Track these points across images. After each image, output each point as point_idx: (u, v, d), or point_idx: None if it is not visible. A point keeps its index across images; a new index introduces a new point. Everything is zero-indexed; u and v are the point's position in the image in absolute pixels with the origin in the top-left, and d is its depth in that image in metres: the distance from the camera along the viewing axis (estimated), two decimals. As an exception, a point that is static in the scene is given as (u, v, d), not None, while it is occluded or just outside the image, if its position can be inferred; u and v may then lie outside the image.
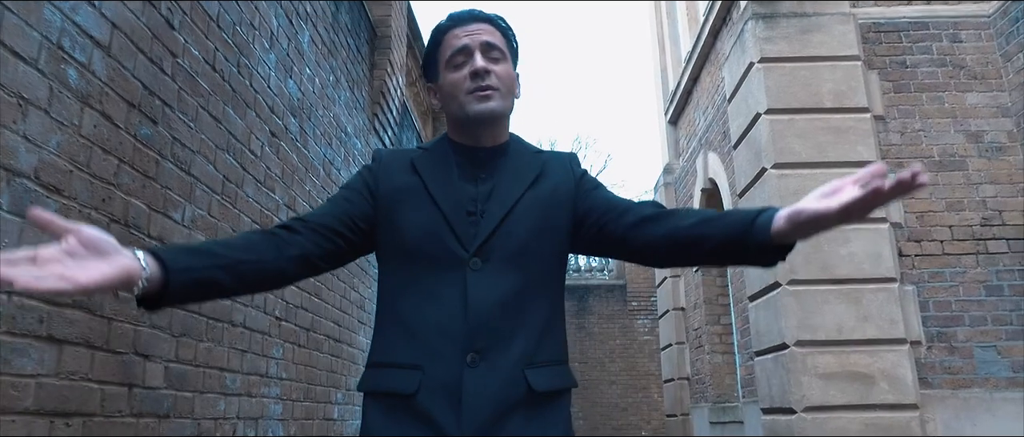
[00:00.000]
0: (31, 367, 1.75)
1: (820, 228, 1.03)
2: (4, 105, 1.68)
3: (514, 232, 1.21)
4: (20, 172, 1.73)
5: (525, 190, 1.25)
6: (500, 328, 1.16)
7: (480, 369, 1.13)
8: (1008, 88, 4.91)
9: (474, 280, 1.17)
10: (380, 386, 1.18)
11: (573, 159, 1.38)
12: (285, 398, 3.42)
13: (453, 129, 1.32)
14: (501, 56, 1.29)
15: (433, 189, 1.23)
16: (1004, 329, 4.51)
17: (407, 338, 1.18)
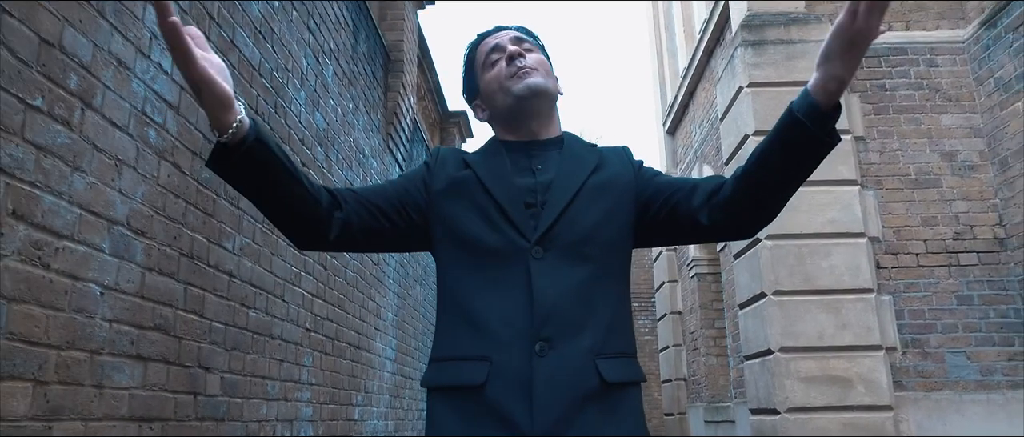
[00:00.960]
0: (125, 381, 2.12)
1: (848, 44, 1.01)
2: (105, 167, 2.05)
3: (577, 221, 1.19)
4: (117, 221, 2.10)
5: (586, 178, 1.24)
6: (568, 317, 1.12)
7: (550, 358, 1.10)
8: (980, 110, 5.26)
9: (538, 269, 1.14)
10: (447, 380, 1.15)
11: (627, 151, 1.37)
12: (314, 401, 3.80)
13: (504, 128, 1.32)
14: (533, 47, 1.32)
15: (486, 180, 1.22)
16: (973, 336, 4.87)
17: (472, 330, 1.14)
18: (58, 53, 1.85)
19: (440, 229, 1.23)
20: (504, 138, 1.31)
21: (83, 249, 1.93)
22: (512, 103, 1.26)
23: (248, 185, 1.09)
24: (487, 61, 1.30)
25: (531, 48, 1.31)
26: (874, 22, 1.00)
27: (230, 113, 1.00)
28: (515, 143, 1.29)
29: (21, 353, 1.69)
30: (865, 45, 1.02)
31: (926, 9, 5.63)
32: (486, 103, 1.32)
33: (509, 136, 1.31)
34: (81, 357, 1.91)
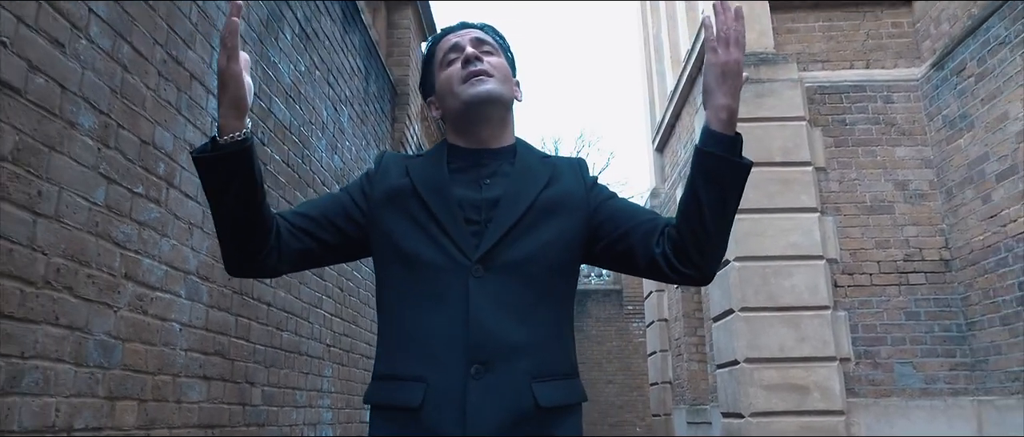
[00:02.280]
0: (196, 396, 2.70)
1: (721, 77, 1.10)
2: (182, 231, 2.63)
3: (522, 241, 1.16)
4: (190, 272, 2.68)
5: (536, 197, 1.20)
6: (505, 339, 1.11)
7: (485, 381, 1.08)
8: (930, 143, 5.82)
9: (476, 288, 1.12)
10: (385, 399, 1.14)
11: (582, 165, 1.32)
12: (333, 407, 4.38)
13: (453, 131, 1.28)
14: (494, 50, 1.27)
15: (424, 192, 1.19)
16: (919, 348, 5.44)
17: (409, 348, 1.13)
18: (152, 148, 2.43)
19: (379, 241, 1.20)
20: (454, 142, 1.27)
21: (168, 297, 2.51)
22: (461, 108, 1.22)
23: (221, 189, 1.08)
24: (444, 59, 1.26)
25: (491, 50, 1.27)
26: (734, 53, 1.10)
27: (241, 120, 1.06)
28: (464, 151, 1.25)
29: (130, 379, 2.27)
30: (735, 74, 1.10)
31: (885, 48, 6.18)
32: (439, 103, 1.28)
33: (459, 141, 1.26)
34: (167, 379, 2.49)
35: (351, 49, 5.02)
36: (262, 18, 3.40)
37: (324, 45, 4.38)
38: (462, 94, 1.21)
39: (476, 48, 1.25)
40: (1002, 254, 4.97)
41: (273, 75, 3.55)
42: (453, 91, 1.22)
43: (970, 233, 5.33)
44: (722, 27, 1.10)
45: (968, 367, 5.35)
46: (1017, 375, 4.88)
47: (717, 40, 1.11)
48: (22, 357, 1.80)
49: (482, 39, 1.28)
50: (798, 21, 6.31)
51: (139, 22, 2.36)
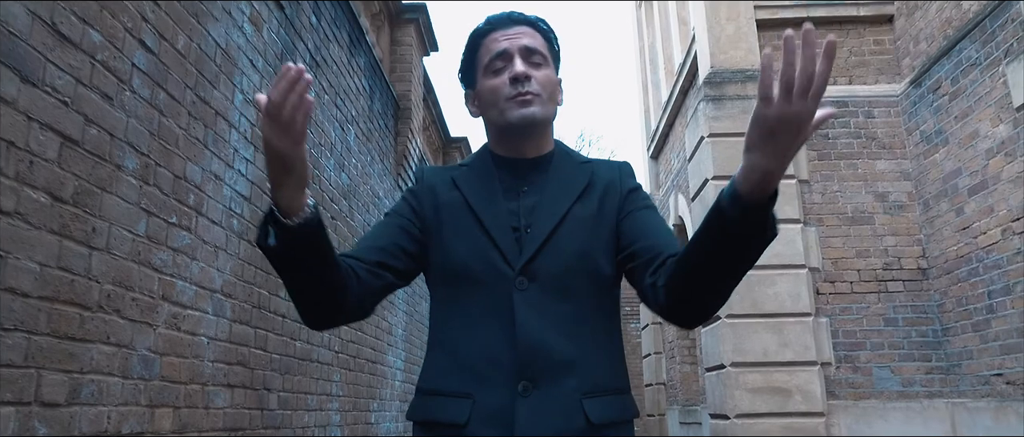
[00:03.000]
0: (221, 403, 2.99)
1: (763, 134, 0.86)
2: (209, 254, 2.91)
3: (562, 249, 1.14)
4: (216, 290, 2.96)
5: (572, 204, 1.18)
6: (553, 355, 1.09)
7: (533, 399, 1.07)
8: (909, 157, 6.10)
9: (521, 301, 1.11)
10: (430, 415, 1.13)
11: (624, 169, 1.29)
12: (341, 410, 4.67)
13: (494, 139, 1.27)
14: (542, 61, 1.23)
15: (475, 205, 1.18)
16: (897, 352, 5.72)
17: (456, 364, 1.12)
18: (184, 182, 2.72)
19: (432, 256, 1.20)
20: (494, 149, 1.27)
21: (198, 314, 2.80)
22: (505, 126, 1.21)
23: (294, 266, 1.01)
24: (490, 65, 1.22)
25: (540, 60, 1.22)
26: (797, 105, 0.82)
27: (303, 196, 0.96)
28: (503, 159, 1.25)
29: (168, 389, 2.56)
30: (787, 133, 0.84)
31: (867, 65, 6.46)
32: (480, 106, 1.26)
33: (499, 149, 1.26)
34: (197, 388, 2.78)
35: (357, 70, 5.30)
36: (277, 53, 3.69)
37: (332, 70, 4.66)
38: (509, 116, 1.19)
39: (525, 59, 1.20)
40: (973, 264, 5.25)
41: (287, 104, 3.83)
42: (498, 106, 1.20)
43: (945, 243, 5.61)
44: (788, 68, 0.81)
45: (943, 371, 5.63)
46: (987, 379, 5.16)
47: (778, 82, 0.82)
48: (81, 372, 2.09)
49: (531, 48, 1.22)
50: (784, 39, 6.57)
51: (173, 70, 2.65)
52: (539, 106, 1.19)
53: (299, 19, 4.03)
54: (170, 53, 2.63)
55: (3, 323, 1.78)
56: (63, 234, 2.02)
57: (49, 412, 1.95)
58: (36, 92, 1.93)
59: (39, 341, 1.92)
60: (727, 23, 6.49)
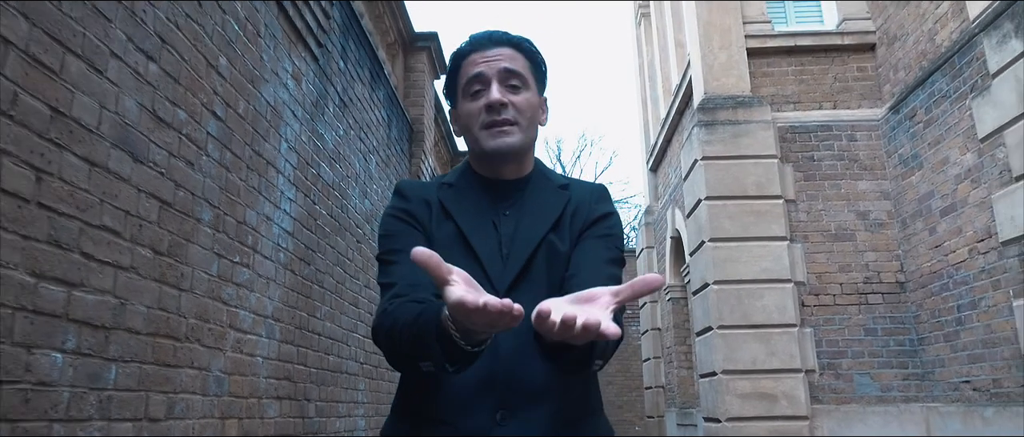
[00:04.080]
0: (272, 414, 3.46)
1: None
2: (262, 285, 3.38)
3: (538, 278, 1.15)
4: (268, 316, 3.43)
5: (546, 232, 1.18)
6: (529, 382, 1.10)
7: (510, 427, 1.08)
8: (889, 177, 6.54)
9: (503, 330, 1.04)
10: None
11: (601, 192, 1.28)
12: (366, 415, 5.14)
13: (474, 159, 1.27)
14: (521, 84, 1.20)
15: (470, 236, 1.17)
16: (876, 360, 6.17)
17: (435, 389, 1.11)
18: (244, 226, 3.19)
19: None
20: (475, 169, 1.26)
21: (255, 337, 3.27)
22: (480, 152, 1.21)
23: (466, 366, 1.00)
24: (468, 87, 1.21)
25: (519, 84, 1.20)
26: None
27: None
28: (484, 179, 1.25)
29: (234, 403, 3.03)
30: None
31: (851, 90, 6.90)
32: (460, 127, 1.25)
33: (480, 169, 1.25)
34: (255, 402, 3.25)
35: (377, 103, 5.77)
36: (313, 100, 4.16)
37: (357, 107, 5.13)
38: (483, 143, 1.18)
39: (502, 83, 1.18)
40: (945, 280, 5.70)
41: (321, 144, 4.30)
42: (474, 134, 1.20)
43: (920, 260, 6.06)
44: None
45: (918, 378, 6.09)
46: (957, 385, 5.61)
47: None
48: (174, 392, 2.56)
49: (511, 70, 1.19)
50: (773, 66, 7.03)
51: (235, 132, 3.12)
52: (515, 135, 1.18)
53: (330, 66, 4.50)
54: (233, 117, 3.10)
55: (123, 357, 2.25)
56: (162, 281, 2.49)
57: (154, 426, 2.42)
58: (142, 168, 2.40)
59: (146, 369, 2.39)
60: (720, 51, 6.94)
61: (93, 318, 2.11)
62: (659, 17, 10.26)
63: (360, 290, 5.13)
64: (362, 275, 5.19)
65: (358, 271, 5.10)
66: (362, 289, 5.15)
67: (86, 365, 2.07)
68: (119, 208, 2.25)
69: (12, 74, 1.81)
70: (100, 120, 2.17)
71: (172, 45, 2.60)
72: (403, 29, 7.00)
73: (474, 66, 1.20)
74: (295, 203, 3.85)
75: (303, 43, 3.97)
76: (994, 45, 4.96)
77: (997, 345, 5.08)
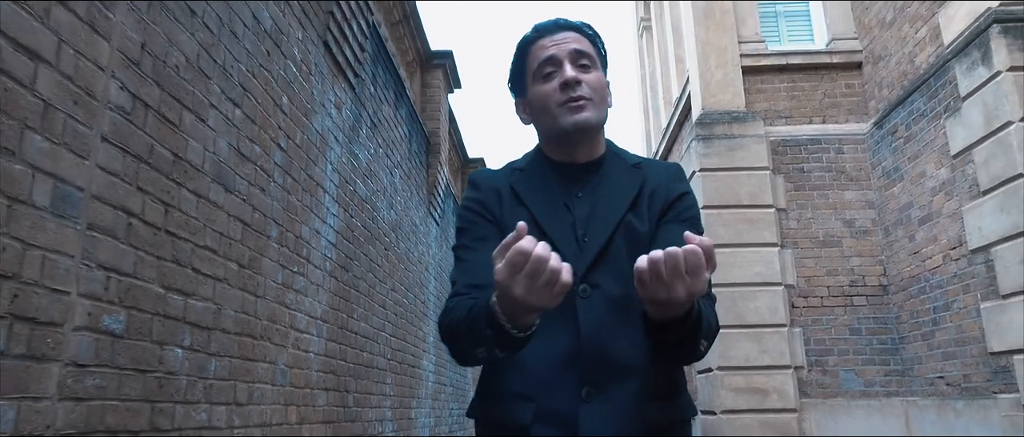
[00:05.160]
0: (321, 403, 3.97)
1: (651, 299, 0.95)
2: (313, 290, 3.88)
3: (617, 258, 1.16)
4: (317, 317, 3.94)
5: (625, 213, 1.20)
6: (615, 361, 1.12)
7: (596, 404, 1.10)
8: (873, 188, 7.04)
9: (584, 308, 1.13)
10: (493, 416, 1.18)
11: (676, 172, 1.31)
12: (392, 407, 5.65)
13: (547, 144, 1.29)
14: (591, 64, 1.24)
15: (540, 216, 1.19)
16: (860, 357, 6.67)
17: (519, 368, 1.13)
18: (301, 240, 3.70)
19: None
20: (547, 152, 1.29)
21: (308, 336, 3.78)
22: (559, 132, 1.23)
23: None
24: (540, 71, 1.25)
25: (589, 63, 1.24)
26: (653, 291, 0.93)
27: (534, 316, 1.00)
28: (556, 163, 1.27)
29: (294, 392, 3.54)
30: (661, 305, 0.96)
31: (839, 106, 7.39)
32: (531, 113, 1.29)
33: (552, 153, 1.28)
34: (308, 391, 3.76)
35: (400, 121, 6.28)
36: (350, 125, 4.66)
37: (384, 126, 5.64)
38: (562, 122, 1.21)
39: (574, 64, 1.23)
40: (922, 284, 6.20)
41: (356, 163, 4.81)
42: (550, 112, 1.22)
43: (901, 265, 6.56)
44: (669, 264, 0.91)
45: (899, 374, 6.58)
46: (932, 381, 6.11)
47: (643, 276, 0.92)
48: (253, 382, 3.07)
49: (580, 51, 1.24)
50: (766, 83, 7.52)
51: (294, 159, 3.63)
52: (592, 111, 1.21)
53: (363, 92, 5.01)
54: (292, 147, 3.61)
55: (219, 352, 2.76)
56: (244, 289, 3.01)
57: (240, 409, 2.93)
58: (231, 196, 2.91)
59: (235, 362, 2.90)
60: (717, 69, 7.44)
61: (201, 321, 2.62)
62: (660, 31, 10.75)
63: (387, 294, 5.64)
64: (389, 280, 5.70)
65: (386, 276, 5.61)
66: (389, 293, 5.66)
67: (196, 359, 2.58)
68: (216, 230, 2.76)
69: (149, 130, 2.32)
70: (204, 160, 2.68)
71: (251, 92, 3.11)
72: (421, 48, 7.51)
73: (544, 50, 1.25)
74: (337, 218, 4.35)
75: (343, 76, 4.47)
76: (964, 71, 5.46)
77: (967, 344, 5.58)
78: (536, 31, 1.29)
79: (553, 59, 1.23)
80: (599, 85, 1.24)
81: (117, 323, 2.11)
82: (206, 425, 2.64)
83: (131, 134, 2.21)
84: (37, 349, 1.78)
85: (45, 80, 1.83)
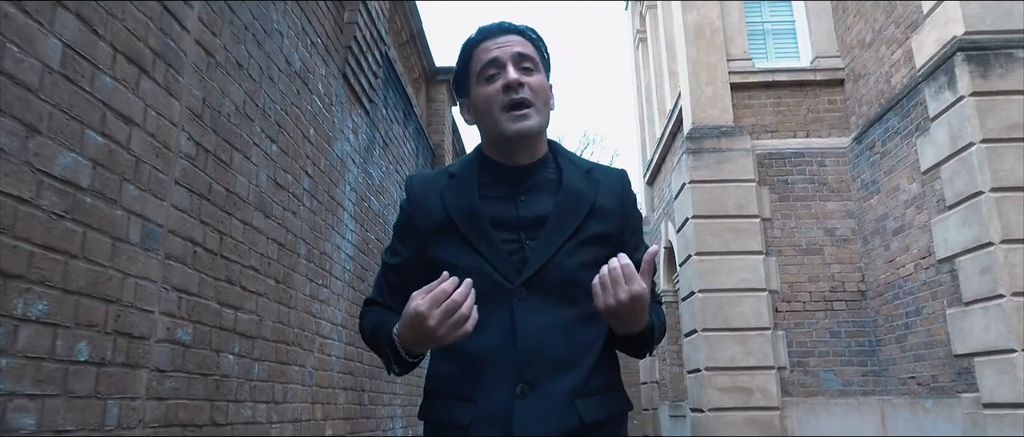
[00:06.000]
0: (342, 400, 4.39)
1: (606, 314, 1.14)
2: (335, 299, 4.31)
3: (566, 265, 1.20)
4: (338, 324, 4.37)
5: (580, 223, 1.23)
6: (550, 358, 1.15)
7: (530, 400, 1.13)
8: (853, 199, 7.47)
9: (522, 310, 1.17)
10: (436, 416, 1.23)
11: (624, 180, 1.35)
12: (401, 405, 6.08)
13: (488, 145, 1.31)
14: (533, 67, 1.27)
15: (462, 226, 1.23)
16: (839, 358, 7.10)
17: (459, 369, 1.19)
18: (325, 255, 4.12)
19: (430, 271, 1.23)
20: (488, 154, 1.32)
21: (331, 341, 4.21)
22: (499, 136, 1.26)
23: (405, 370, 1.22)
24: (483, 73, 1.26)
25: (532, 66, 1.27)
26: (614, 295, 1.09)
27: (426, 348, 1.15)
28: (498, 165, 1.29)
29: (320, 392, 3.97)
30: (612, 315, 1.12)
31: (822, 121, 7.82)
32: (474, 113, 1.31)
33: (494, 155, 1.31)
34: (330, 391, 4.19)
35: (408, 137, 6.71)
36: (365, 146, 5.09)
37: (395, 144, 6.06)
38: (504, 127, 1.23)
39: (517, 66, 1.25)
40: (896, 290, 6.63)
41: (370, 181, 5.24)
42: (493, 117, 1.24)
43: (877, 272, 6.99)
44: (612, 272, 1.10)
45: (875, 374, 7.02)
46: (905, 381, 6.54)
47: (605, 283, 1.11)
48: (287, 383, 3.50)
49: (523, 54, 1.27)
50: (754, 99, 7.95)
51: (318, 184, 4.06)
52: (534, 118, 1.24)
53: (376, 114, 5.43)
54: (317, 173, 4.04)
55: (261, 357, 3.20)
56: (280, 302, 3.44)
57: (277, 407, 3.36)
58: (269, 221, 3.34)
59: (273, 366, 3.33)
60: (706, 86, 7.86)
61: (247, 331, 3.05)
62: (655, 44, 11.17)
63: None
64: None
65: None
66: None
67: (243, 363, 3.01)
68: (258, 252, 3.19)
69: (209, 171, 2.75)
70: (248, 192, 3.11)
71: (284, 128, 3.54)
72: (426, 66, 7.93)
73: (487, 52, 1.27)
74: (354, 233, 4.78)
75: (359, 102, 4.90)
76: (933, 93, 5.89)
77: (935, 347, 6.01)
78: (480, 33, 1.31)
79: (496, 61, 1.26)
80: (541, 88, 1.27)
81: (186, 335, 2.55)
82: (251, 420, 3.07)
83: (195, 176, 2.64)
84: (132, 358, 2.21)
85: (137, 139, 2.26)
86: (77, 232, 1.96)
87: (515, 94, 1.23)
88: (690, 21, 8.00)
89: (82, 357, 1.97)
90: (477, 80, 1.28)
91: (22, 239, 1.75)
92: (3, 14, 1.70)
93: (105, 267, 2.08)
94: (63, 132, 1.90)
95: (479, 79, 1.27)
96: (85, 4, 2.00)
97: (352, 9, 4.59)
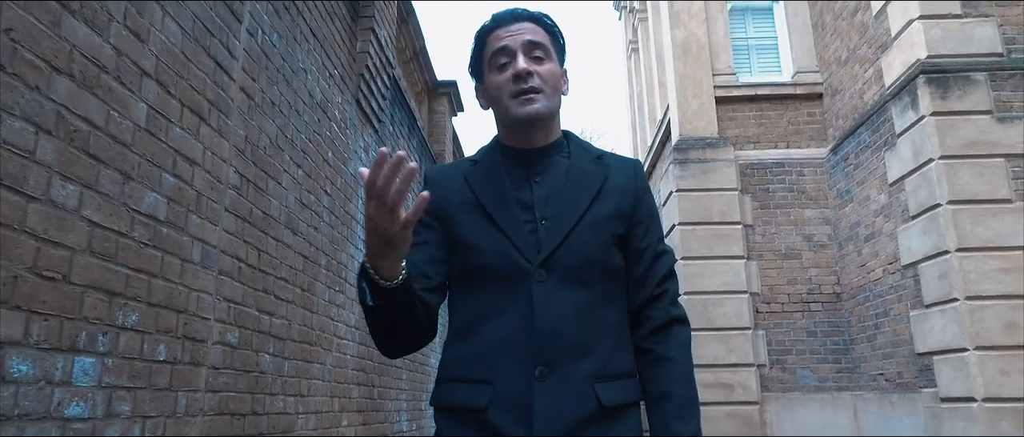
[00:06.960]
0: (355, 395, 4.87)
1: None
2: (349, 303, 4.78)
3: (580, 245, 1.21)
4: (352, 326, 4.85)
5: (591, 203, 1.25)
6: (569, 341, 1.16)
7: (549, 383, 1.14)
8: (830, 207, 7.95)
9: (540, 292, 1.18)
10: (451, 401, 1.21)
11: (637, 169, 1.36)
12: (407, 400, 6.56)
13: (502, 131, 1.35)
14: (544, 55, 1.29)
15: (488, 205, 1.25)
16: (815, 356, 7.59)
17: (475, 353, 1.20)
18: (341, 264, 4.60)
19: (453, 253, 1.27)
20: (503, 141, 1.35)
21: (346, 341, 4.68)
22: (510, 122, 1.30)
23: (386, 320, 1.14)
24: (495, 62, 1.30)
25: (543, 54, 1.29)
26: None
27: (400, 265, 1.07)
28: (513, 150, 1.33)
29: (337, 387, 4.44)
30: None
31: (801, 132, 8.30)
32: (488, 100, 1.34)
33: (508, 140, 1.34)
34: (345, 386, 4.66)
35: (412, 150, 7.18)
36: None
37: (400, 158, 6.53)
38: (513, 112, 1.26)
39: (527, 54, 1.27)
40: (867, 293, 7.12)
41: (379, 194, 5.70)
42: (503, 103, 1.28)
43: (851, 276, 7.47)
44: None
45: (848, 371, 7.51)
46: (875, 377, 7.03)
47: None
48: (309, 379, 3.97)
49: (534, 42, 1.29)
50: (737, 111, 8.42)
51: (336, 201, 4.52)
52: (542, 102, 1.26)
53: (384, 131, 5.90)
54: (335, 191, 4.51)
55: (290, 356, 3.67)
56: (304, 307, 3.91)
57: (302, 400, 3.83)
58: (297, 237, 3.81)
59: (299, 364, 3.80)
60: (693, 100, 8.34)
61: (279, 334, 3.53)
62: (646, 54, 11.64)
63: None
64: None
65: (401, 286, 6.51)
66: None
67: (276, 362, 3.49)
68: (288, 264, 3.66)
69: (250, 198, 3.22)
70: (280, 213, 3.58)
71: (308, 154, 4.01)
72: (428, 80, 8.39)
73: (499, 40, 1.29)
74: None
75: (369, 123, 5.37)
76: (899, 112, 6.37)
77: (900, 346, 6.50)
78: (494, 20, 1.33)
79: (507, 50, 1.28)
80: (552, 76, 1.29)
81: (234, 338, 3.02)
82: (282, 411, 3.54)
83: (240, 203, 3.11)
84: (195, 358, 2.68)
85: (198, 177, 2.73)
86: (157, 256, 2.43)
87: (524, 83, 1.26)
88: (678, 37, 8.47)
89: (161, 357, 2.44)
90: (489, 67, 1.31)
91: (121, 264, 2.22)
92: (107, 87, 2.17)
93: (176, 283, 2.55)
94: (148, 176, 2.37)
95: (491, 66, 1.31)
96: (163, 71, 2.47)
97: (364, 39, 5.05)
